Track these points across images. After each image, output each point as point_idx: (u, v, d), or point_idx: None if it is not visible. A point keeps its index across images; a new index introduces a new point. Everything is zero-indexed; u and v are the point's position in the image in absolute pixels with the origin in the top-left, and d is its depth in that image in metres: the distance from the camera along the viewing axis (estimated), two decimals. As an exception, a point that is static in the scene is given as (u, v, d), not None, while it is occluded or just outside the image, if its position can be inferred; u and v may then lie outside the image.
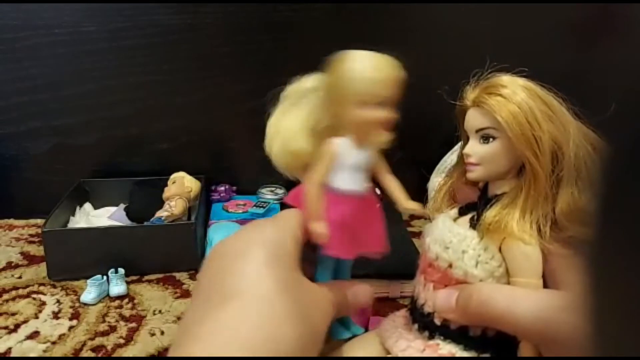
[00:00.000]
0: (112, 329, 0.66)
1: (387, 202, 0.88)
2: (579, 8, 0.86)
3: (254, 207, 0.88)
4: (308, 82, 0.49)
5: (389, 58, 0.46)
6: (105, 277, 0.73)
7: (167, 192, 0.86)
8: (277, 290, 0.37)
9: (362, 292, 0.47)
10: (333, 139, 0.46)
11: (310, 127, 0.47)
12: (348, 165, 0.46)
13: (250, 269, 0.38)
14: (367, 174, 0.48)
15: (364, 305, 0.49)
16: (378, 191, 0.86)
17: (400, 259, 0.72)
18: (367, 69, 0.44)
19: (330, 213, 0.46)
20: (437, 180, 0.87)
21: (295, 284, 0.39)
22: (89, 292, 0.71)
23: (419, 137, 0.95)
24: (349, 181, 0.46)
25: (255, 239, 0.40)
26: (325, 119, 0.47)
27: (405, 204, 0.48)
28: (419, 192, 0.90)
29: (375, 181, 0.86)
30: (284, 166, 0.49)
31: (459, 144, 0.85)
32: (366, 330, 0.61)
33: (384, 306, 0.68)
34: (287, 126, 0.48)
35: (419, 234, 0.88)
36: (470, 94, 0.42)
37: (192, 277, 0.80)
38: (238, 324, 0.34)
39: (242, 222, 0.83)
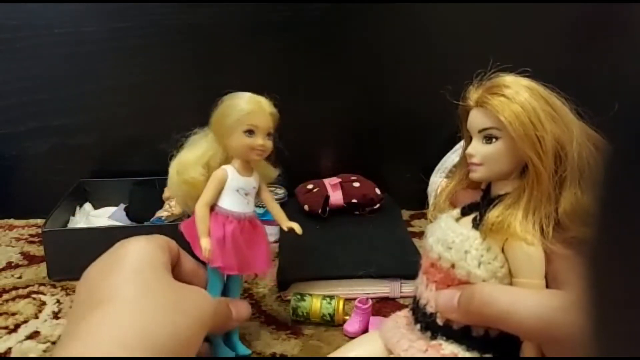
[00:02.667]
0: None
1: (387, 202, 0.89)
2: (582, 7, 0.86)
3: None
4: (205, 130, 0.57)
5: (264, 97, 0.55)
6: (105, 277, 0.72)
7: (167, 192, 0.86)
8: (144, 291, 0.41)
9: (244, 308, 0.54)
10: (223, 166, 0.54)
11: (204, 161, 0.54)
12: (233, 189, 0.54)
13: (120, 276, 0.42)
14: (253, 199, 0.56)
15: (245, 320, 0.55)
16: (378, 191, 0.86)
17: (400, 259, 0.72)
18: (247, 102, 0.53)
19: (214, 231, 0.52)
20: (437, 180, 0.87)
21: (164, 286, 0.43)
22: (89, 292, 0.70)
23: (419, 136, 0.95)
24: (233, 203, 0.54)
25: (123, 254, 0.45)
26: (219, 154, 0.55)
27: (285, 224, 0.58)
28: (419, 192, 0.91)
29: (368, 182, 0.85)
30: (181, 196, 0.56)
31: (459, 143, 0.85)
32: (366, 331, 0.61)
33: (384, 306, 0.67)
34: (184, 160, 0.55)
35: (419, 234, 0.88)
36: (473, 94, 0.42)
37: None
38: (111, 323, 0.38)
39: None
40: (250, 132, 0.53)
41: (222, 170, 0.54)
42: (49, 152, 0.93)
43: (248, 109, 0.53)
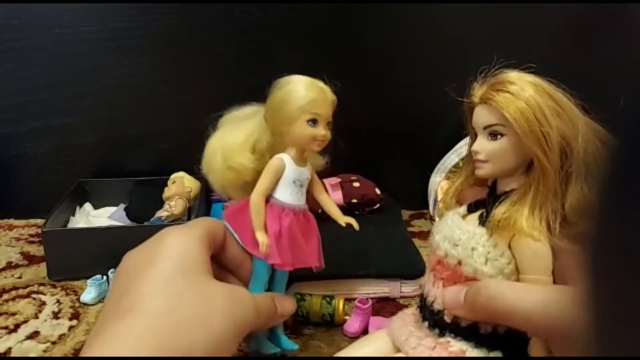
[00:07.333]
0: (113, 329, 0.66)
1: (387, 202, 0.88)
2: (588, 4, 0.86)
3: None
4: (246, 110, 0.53)
5: (323, 83, 0.51)
6: (105, 277, 0.72)
7: (167, 192, 0.86)
8: (170, 304, 0.39)
9: (288, 303, 0.51)
10: (279, 155, 0.50)
11: (250, 146, 0.50)
12: (290, 180, 0.50)
13: (149, 284, 0.40)
14: (305, 190, 0.51)
15: (290, 314, 0.52)
16: (378, 191, 0.86)
17: (400, 259, 0.72)
18: (310, 89, 0.49)
19: (270, 225, 0.49)
20: (437, 180, 0.87)
21: (195, 296, 0.41)
22: (89, 292, 0.70)
23: (419, 136, 0.95)
24: (290, 195, 0.50)
25: (161, 250, 0.43)
26: (266, 139, 0.51)
27: (342, 219, 0.53)
28: (419, 192, 0.91)
29: (368, 182, 0.85)
30: (223, 183, 0.53)
31: (459, 143, 0.85)
32: (366, 331, 0.61)
33: (384, 306, 0.67)
34: (229, 144, 0.51)
35: (419, 234, 0.88)
36: (478, 90, 0.42)
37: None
38: (127, 336, 0.37)
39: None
40: (314, 121, 0.48)
41: (280, 160, 0.49)
42: (49, 152, 0.92)
43: (312, 97, 0.48)
